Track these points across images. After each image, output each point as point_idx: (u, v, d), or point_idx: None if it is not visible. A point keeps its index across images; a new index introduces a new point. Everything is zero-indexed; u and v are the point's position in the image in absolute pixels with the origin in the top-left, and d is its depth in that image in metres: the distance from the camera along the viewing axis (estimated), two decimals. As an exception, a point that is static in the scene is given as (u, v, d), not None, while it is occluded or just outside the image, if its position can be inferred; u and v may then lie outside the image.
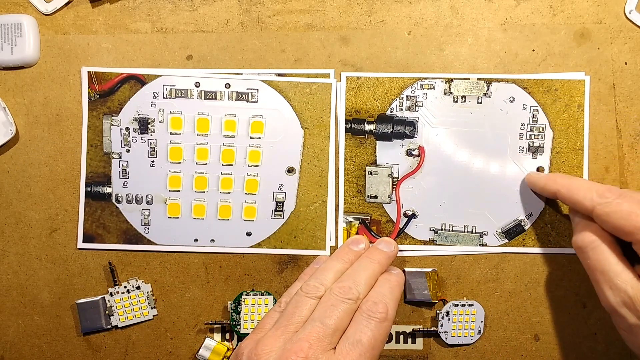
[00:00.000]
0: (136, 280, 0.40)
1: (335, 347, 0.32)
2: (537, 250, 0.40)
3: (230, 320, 0.40)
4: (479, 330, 0.40)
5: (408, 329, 0.40)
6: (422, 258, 0.40)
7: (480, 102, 0.40)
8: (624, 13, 0.39)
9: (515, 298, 0.40)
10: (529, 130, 0.40)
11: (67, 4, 0.40)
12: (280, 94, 0.40)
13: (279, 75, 0.40)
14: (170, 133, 0.40)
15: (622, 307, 0.32)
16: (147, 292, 0.40)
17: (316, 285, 0.34)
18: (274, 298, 0.40)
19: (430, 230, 0.40)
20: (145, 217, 0.40)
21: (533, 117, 0.39)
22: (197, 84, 0.40)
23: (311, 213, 0.40)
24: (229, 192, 0.40)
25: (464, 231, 0.40)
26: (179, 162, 0.40)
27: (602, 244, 0.33)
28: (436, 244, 0.40)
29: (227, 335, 0.41)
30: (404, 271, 0.39)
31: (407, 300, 0.40)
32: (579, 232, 0.34)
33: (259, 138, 0.40)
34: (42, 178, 0.40)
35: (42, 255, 0.40)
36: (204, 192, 0.40)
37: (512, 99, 0.40)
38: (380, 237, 0.40)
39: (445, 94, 0.40)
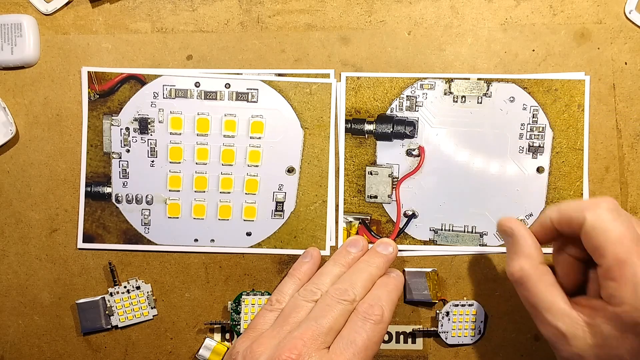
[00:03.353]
0: (136, 280, 0.40)
1: (329, 347, 0.32)
2: (537, 250, 0.40)
3: (230, 320, 0.40)
4: (479, 330, 0.40)
5: (408, 329, 0.40)
6: (422, 258, 0.40)
7: (480, 102, 0.40)
8: (624, 13, 0.39)
9: (515, 298, 0.40)
10: (529, 130, 0.40)
11: (67, 4, 0.40)
12: (280, 94, 0.40)
13: (279, 75, 0.40)
14: (170, 133, 0.40)
15: (557, 342, 0.30)
16: (147, 292, 0.40)
17: (313, 289, 0.35)
18: (274, 298, 0.40)
19: (430, 230, 0.40)
20: (145, 217, 0.40)
21: (533, 117, 0.39)
22: (197, 84, 0.40)
23: (311, 213, 0.40)
24: (229, 192, 0.40)
25: (464, 231, 0.40)
26: (179, 162, 0.40)
27: (530, 276, 0.31)
28: (436, 244, 0.40)
29: (227, 335, 0.41)
30: (403, 272, 0.39)
31: (407, 300, 0.40)
32: (508, 265, 0.32)
33: (259, 138, 0.40)
34: (42, 178, 0.40)
35: (42, 255, 0.40)
36: (204, 192, 0.40)
37: (512, 99, 0.39)
38: (381, 237, 0.40)
39: (445, 94, 0.40)
